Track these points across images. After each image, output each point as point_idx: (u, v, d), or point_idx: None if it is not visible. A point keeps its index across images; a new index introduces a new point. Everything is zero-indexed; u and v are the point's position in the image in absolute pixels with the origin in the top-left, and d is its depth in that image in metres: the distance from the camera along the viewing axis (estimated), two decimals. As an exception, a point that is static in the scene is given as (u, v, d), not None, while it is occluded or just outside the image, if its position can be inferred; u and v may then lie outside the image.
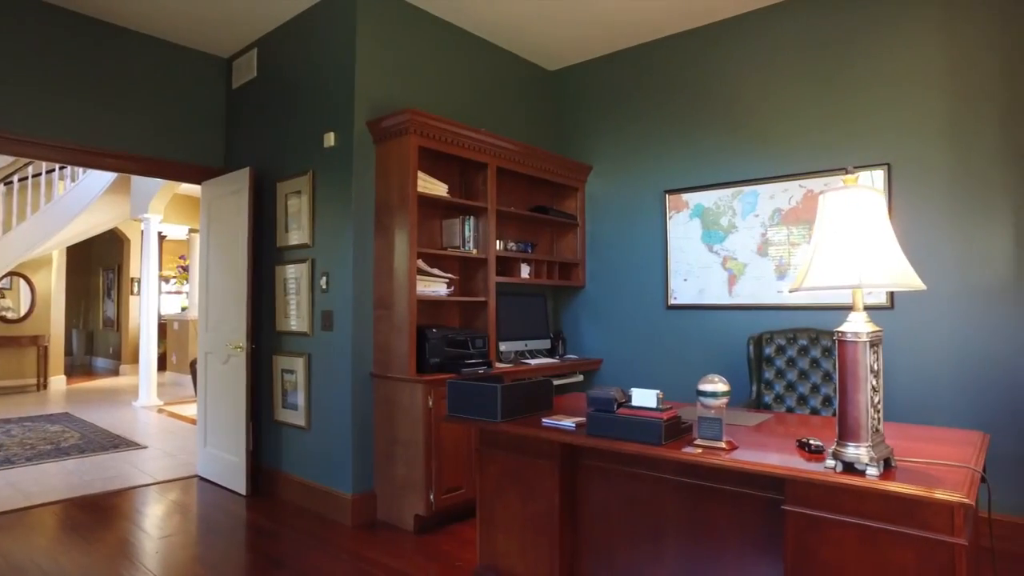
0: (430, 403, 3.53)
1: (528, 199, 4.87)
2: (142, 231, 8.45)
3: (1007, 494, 3.31)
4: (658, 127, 4.65)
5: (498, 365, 4.14)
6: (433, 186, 3.92)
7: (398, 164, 3.74)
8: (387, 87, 3.99)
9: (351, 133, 3.81)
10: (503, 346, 4.31)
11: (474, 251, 4.15)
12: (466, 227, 4.14)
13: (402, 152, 3.71)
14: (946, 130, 3.53)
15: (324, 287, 3.95)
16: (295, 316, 4.18)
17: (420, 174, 3.80)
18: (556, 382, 4.38)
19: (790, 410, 3.64)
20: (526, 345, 4.52)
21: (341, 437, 3.79)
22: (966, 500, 1.56)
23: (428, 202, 3.95)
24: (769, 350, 3.74)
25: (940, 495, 1.59)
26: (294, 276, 4.19)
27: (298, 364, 4.11)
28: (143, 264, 8.23)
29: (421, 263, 3.88)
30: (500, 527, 2.70)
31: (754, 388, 3.75)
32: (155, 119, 4.56)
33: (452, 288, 4.09)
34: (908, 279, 1.76)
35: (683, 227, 4.43)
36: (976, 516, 2.23)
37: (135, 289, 11.61)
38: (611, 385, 4.46)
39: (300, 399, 4.10)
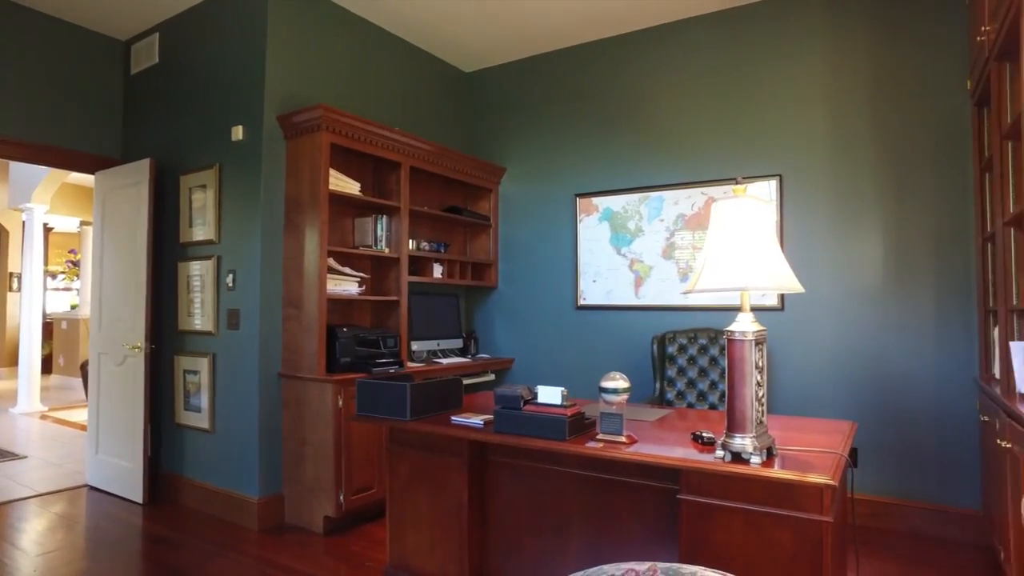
0: (340, 403, 3.49)
1: (442, 199, 4.89)
2: (23, 222, 7.81)
3: (873, 476, 3.65)
4: (571, 132, 4.79)
5: (410, 364, 4.15)
6: (345, 184, 3.88)
7: (309, 161, 3.68)
8: (299, 81, 3.91)
9: (260, 127, 3.71)
10: (415, 345, 4.32)
11: (387, 250, 4.14)
12: (379, 226, 4.12)
13: (314, 149, 3.65)
14: (828, 146, 3.85)
15: (231, 285, 3.83)
16: (199, 315, 4.02)
17: (332, 171, 3.76)
18: (468, 381, 4.43)
19: (691, 406, 3.86)
20: (438, 344, 4.55)
21: (247, 439, 3.69)
22: (832, 482, 1.73)
23: (340, 200, 3.90)
24: (672, 349, 3.95)
25: (811, 479, 1.75)
26: (199, 273, 4.03)
27: (202, 364, 3.96)
28: (25, 258, 7.61)
29: (332, 262, 3.83)
30: (410, 525, 2.72)
31: (657, 385, 3.95)
32: (42, 102, 4.25)
33: (364, 287, 4.06)
34: (789, 282, 1.92)
35: (593, 230, 4.60)
36: (844, 496, 2.47)
37: (14, 285, 10.71)
38: (522, 383, 4.57)
39: (204, 401, 3.94)
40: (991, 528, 3.02)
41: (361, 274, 4.04)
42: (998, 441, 2.60)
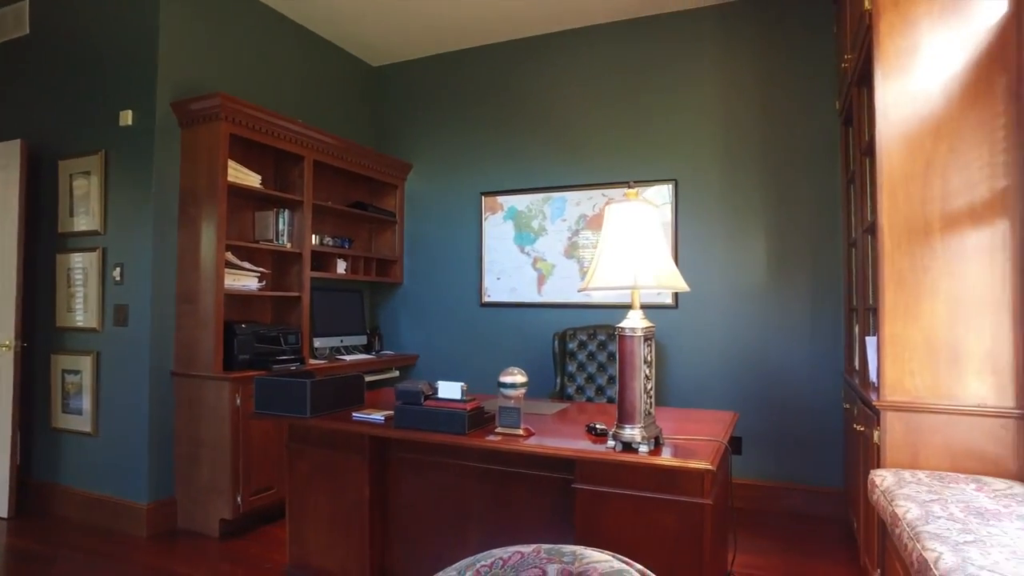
0: (238, 401, 3.39)
1: (347, 194, 4.82)
2: None
3: (754, 462, 3.96)
4: (477, 131, 4.86)
5: (312, 361, 4.08)
6: (245, 176, 3.76)
7: (207, 151, 3.54)
8: (197, 67, 3.74)
9: (152, 113, 3.53)
10: (318, 342, 4.25)
11: (288, 245, 4.04)
12: (280, 220, 4.02)
13: (212, 138, 3.52)
14: (719, 155, 4.13)
15: (118, 279, 3.61)
16: (81, 310, 3.77)
17: (231, 163, 3.63)
18: (373, 378, 4.41)
19: (590, 400, 4.02)
20: (342, 341, 4.50)
21: (136, 441, 3.50)
22: (711, 467, 1.89)
23: (240, 193, 3.77)
24: (572, 345, 4.10)
25: (693, 465, 1.90)
26: (81, 266, 3.77)
27: (84, 363, 3.72)
28: None
29: (230, 256, 3.70)
30: (310, 524, 2.70)
31: (558, 380, 4.09)
32: None
33: (264, 283, 3.95)
34: (675, 281, 2.07)
35: (497, 228, 4.69)
36: (727, 480, 2.68)
37: None
38: (427, 380, 4.59)
39: (86, 402, 3.70)
40: (849, 503, 3.36)
41: (261, 269, 3.93)
42: (855, 426, 2.90)
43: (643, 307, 2.09)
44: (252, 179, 3.81)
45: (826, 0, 3.86)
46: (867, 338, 2.77)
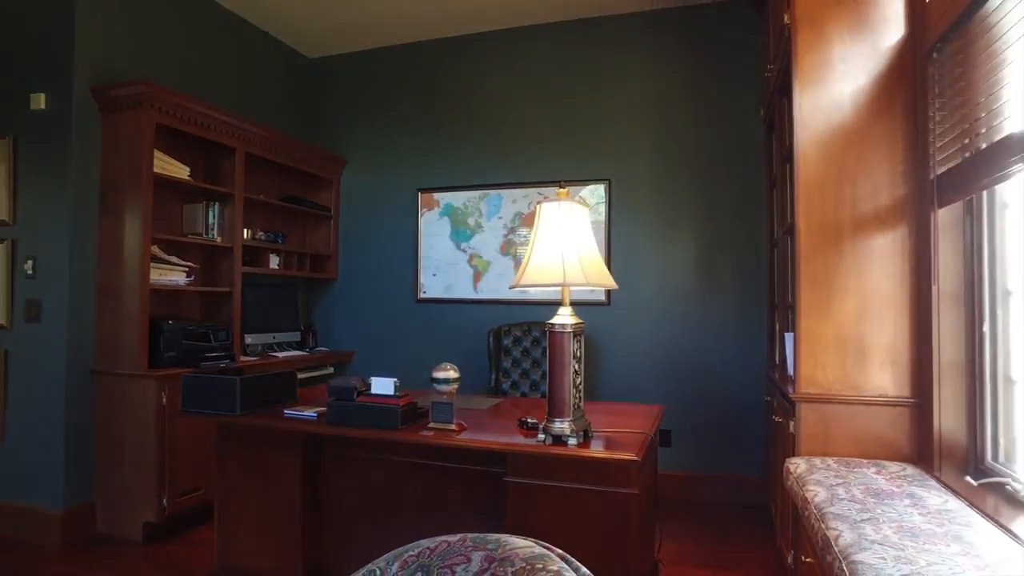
0: (164, 400, 3.29)
1: (280, 188, 4.72)
2: None
3: (683, 454, 4.11)
4: (415, 127, 4.84)
5: (243, 358, 3.98)
6: (173, 167, 3.63)
7: (131, 140, 3.40)
8: (120, 51, 3.58)
9: (70, 97, 3.35)
10: (249, 339, 4.15)
11: (219, 239, 3.93)
12: (210, 213, 3.91)
13: (136, 127, 3.38)
14: (651, 157, 4.26)
15: (30, 272, 3.42)
16: (-12, 306, 3.55)
17: (158, 153, 3.50)
18: (306, 375, 4.34)
19: (524, 395, 4.08)
20: (274, 338, 4.40)
21: (50, 445, 3.32)
22: (636, 458, 1.96)
23: (167, 184, 3.64)
24: (507, 341, 4.16)
25: (619, 456, 1.97)
26: (-13, 259, 3.55)
27: (-9, 362, 3.50)
28: None
29: (157, 250, 3.57)
30: (240, 524, 2.65)
31: (493, 376, 4.13)
32: None
33: (193, 278, 3.82)
34: (604, 279, 2.14)
35: (434, 225, 4.69)
36: (654, 471, 2.78)
37: None
38: (362, 376, 4.55)
39: (-7, 403, 3.50)
40: (770, 491, 3.54)
41: (190, 264, 3.80)
42: (774, 417, 3.06)
43: (576, 304, 2.16)
44: (180, 170, 3.68)
45: (753, 12, 4.03)
46: (786, 334, 2.93)
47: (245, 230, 4.10)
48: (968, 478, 1.91)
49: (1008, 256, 1.96)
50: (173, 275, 3.67)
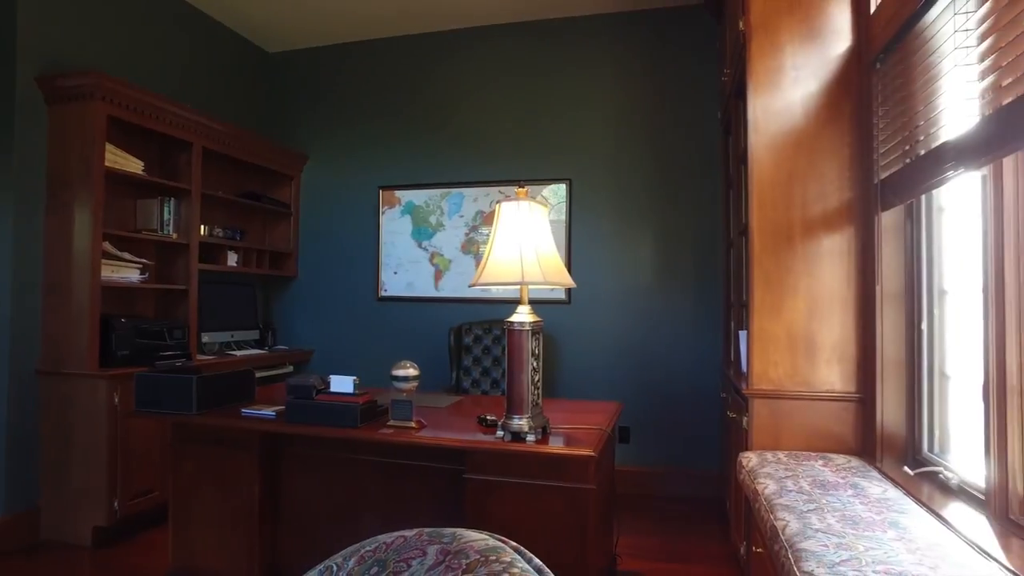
0: (116, 400, 3.20)
1: (239, 184, 4.64)
2: None
3: (640, 449, 4.18)
4: (376, 123, 4.81)
5: (200, 357, 3.90)
6: (126, 161, 3.54)
7: (80, 132, 3.30)
8: (69, 41, 3.47)
9: (12, 87, 3.23)
10: (206, 337, 4.07)
11: (175, 235, 3.85)
12: (166, 209, 3.82)
13: (86, 119, 3.28)
14: (612, 158, 4.32)
15: (-28, 269, 3.29)
16: (-73, 303, 3.41)
17: (110, 146, 3.41)
18: (265, 373, 4.28)
19: (485, 393, 4.10)
20: (232, 336, 4.33)
21: (-7, 446, 3.21)
22: (593, 454, 2.00)
23: (119, 179, 3.54)
24: (468, 339, 4.17)
25: (577, 452, 2.01)
26: (-74, 254, 3.41)
27: (-70, 362, 3.36)
28: None
29: (108, 246, 3.47)
30: (196, 525, 2.60)
31: (454, 374, 4.14)
32: None
33: (147, 275, 3.73)
34: (562, 278, 2.17)
35: (395, 223, 4.68)
36: (611, 467, 2.83)
37: None
38: (322, 375, 4.51)
39: (-67, 404, 3.35)
40: (724, 485, 3.64)
41: (144, 260, 3.71)
42: (728, 413, 3.15)
43: (537, 303, 2.19)
44: (134, 164, 3.59)
45: (711, 18, 4.13)
46: (740, 332, 3.01)
47: (202, 226, 4.02)
48: (906, 468, 2.01)
49: (944, 257, 2.06)
50: (126, 272, 3.58)
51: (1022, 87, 1.29)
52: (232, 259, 4.33)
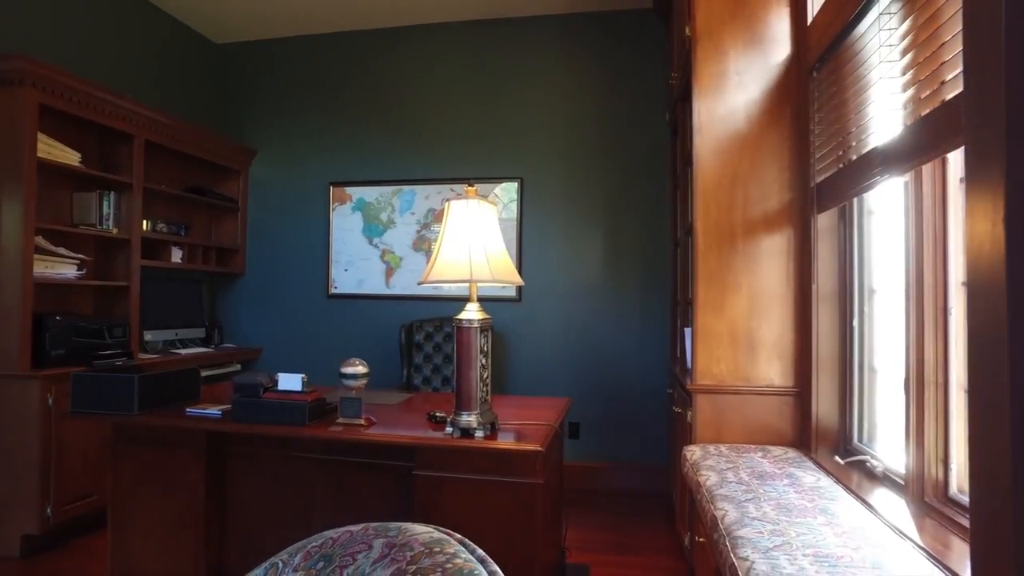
0: (50, 401, 3.08)
1: (184, 178, 4.51)
2: None
3: (589, 445, 4.26)
4: (328, 119, 4.75)
5: (142, 356, 3.79)
6: (61, 153, 3.40)
7: (8, 121, 3.15)
8: (-3, 27, 3.32)
9: (-67, 73, 3.08)
10: (149, 335, 3.95)
11: (115, 230, 3.72)
12: (105, 203, 3.69)
13: (14, 107, 3.14)
14: (563, 157, 4.37)
15: None
16: None
17: (42, 137, 3.27)
18: (211, 372, 4.18)
19: (436, 390, 4.10)
20: (177, 334, 4.21)
21: (-85, 451, 3.05)
22: (541, 449, 2.03)
23: (53, 170, 3.40)
24: (419, 337, 4.16)
25: (525, 447, 2.04)
26: None
27: None
28: None
29: (42, 240, 3.33)
30: (138, 529, 2.53)
31: (405, 371, 4.13)
32: None
33: (85, 271, 3.60)
34: (510, 276, 2.20)
35: (346, 219, 4.63)
36: (560, 462, 2.88)
37: None
38: (270, 373, 4.43)
39: None
40: (670, 478, 3.74)
41: (81, 256, 3.58)
42: (674, 408, 3.23)
43: (488, 300, 2.21)
44: (70, 156, 3.46)
45: (661, 21, 4.22)
46: (685, 329, 3.10)
47: (145, 221, 3.90)
48: (837, 458, 2.11)
49: (873, 258, 2.18)
50: (62, 268, 3.44)
51: (938, 100, 1.38)
52: (177, 255, 4.21)
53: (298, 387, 2.18)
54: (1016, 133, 0.77)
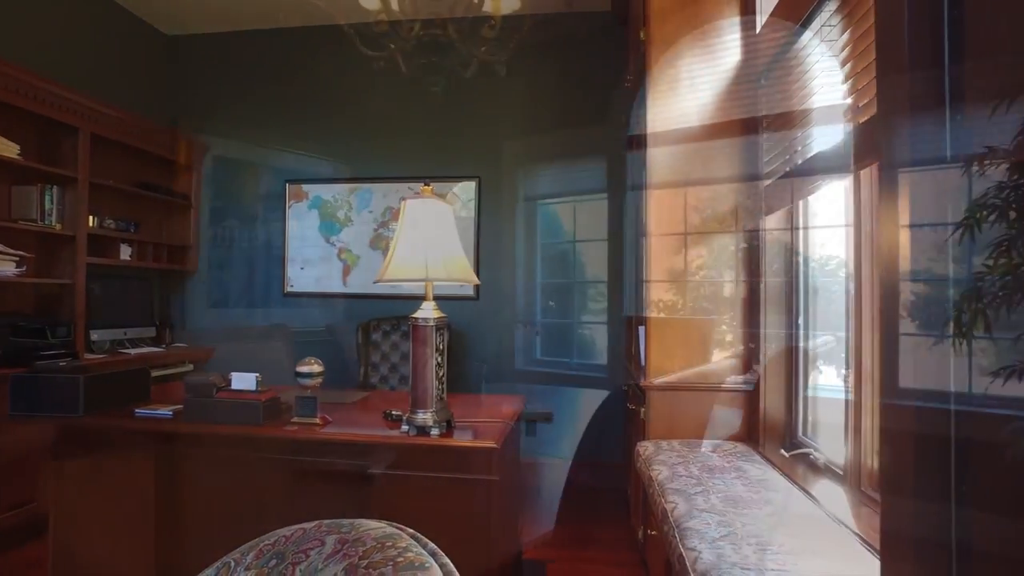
0: (-12, 404, 2.96)
1: (133, 174, 4.37)
2: None
3: (547, 442, 4.29)
4: (283, 116, 4.67)
5: (88, 356, 3.67)
6: (-1, 145, 3.27)
7: (-54, 112, 3.03)
8: (-69, 13, 3.17)
9: None
10: (96, 335, 3.83)
11: (58, 226, 3.59)
12: (47, 198, 3.56)
13: (-48, 98, 3.01)
14: (521, 155, 4.40)
15: None
16: None
17: (-20, 128, 3.14)
18: (162, 372, 4.07)
19: (393, 389, 4.08)
20: (126, 334, 4.09)
21: None
22: (495, 445, 2.05)
23: (-9, 163, 3.27)
24: (376, 336, 4.14)
25: (479, 444, 2.05)
26: None
27: None
28: None
29: (-21, 236, 3.21)
30: (82, 536, 2.45)
31: (362, 370, 4.10)
32: None
33: (25, 268, 3.46)
34: (466, 274, 2.21)
35: (302, 217, 4.57)
36: (516, 458, 2.90)
37: None
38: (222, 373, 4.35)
39: None
40: (626, 474, 3.80)
41: (21, 252, 3.44)
42: (629, 405, 3.30)
43: (445, 299, 2.22)
44: (8, 148, 3.32)
45: (618, 24, 4.28)
46: (639, 328, 3.16)
47: (91, 217, 3.78)
48: (783, 451, 2.19)
49: (816, 258, 2.26)
50: None
51: (874, 108, 1.45)
52: (125, 252, 4.09)
53: (252, 386, 2.15)
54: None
